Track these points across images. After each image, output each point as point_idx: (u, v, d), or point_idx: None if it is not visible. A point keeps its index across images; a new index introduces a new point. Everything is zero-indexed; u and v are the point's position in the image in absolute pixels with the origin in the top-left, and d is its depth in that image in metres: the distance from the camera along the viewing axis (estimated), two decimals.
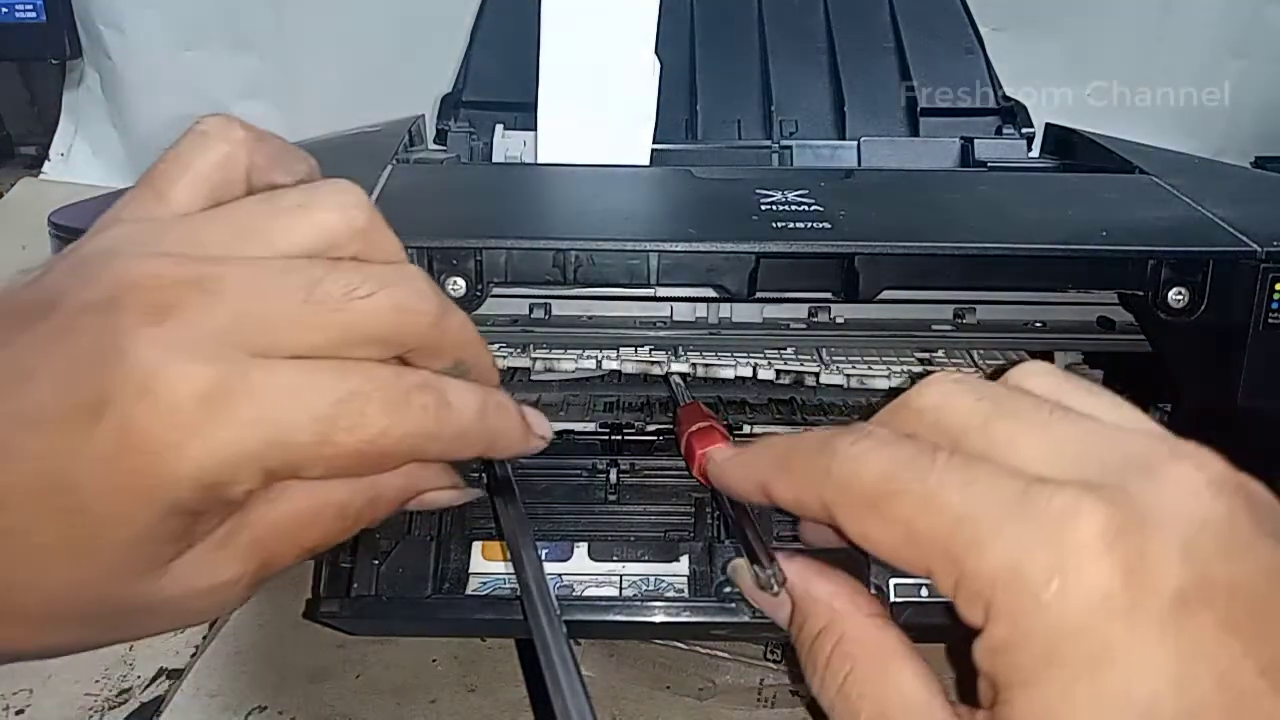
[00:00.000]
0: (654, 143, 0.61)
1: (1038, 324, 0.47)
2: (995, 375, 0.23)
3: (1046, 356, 0.50)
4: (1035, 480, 0.18)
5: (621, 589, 0.39)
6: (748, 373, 0.46)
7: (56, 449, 0.19)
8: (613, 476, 0.41)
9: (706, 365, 0.46)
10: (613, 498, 0.41)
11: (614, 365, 0.46)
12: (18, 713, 0.44)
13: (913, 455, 0.19)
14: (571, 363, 0.47)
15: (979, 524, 0.17)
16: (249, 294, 0.21)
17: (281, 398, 0.21)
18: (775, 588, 0.23)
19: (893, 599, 0.37)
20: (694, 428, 0.37)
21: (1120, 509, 0.17)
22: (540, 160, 0.53)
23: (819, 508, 0.21)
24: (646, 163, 0.53)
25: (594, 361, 0.47)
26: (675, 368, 0.46)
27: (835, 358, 0.47)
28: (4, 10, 1.03)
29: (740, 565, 0.25)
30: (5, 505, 0.19)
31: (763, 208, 0.40)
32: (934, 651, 0.47)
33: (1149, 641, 0.16)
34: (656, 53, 0.53)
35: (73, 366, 0.19)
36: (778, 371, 0.46)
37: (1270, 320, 0.38)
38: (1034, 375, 0.22)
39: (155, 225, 0.22)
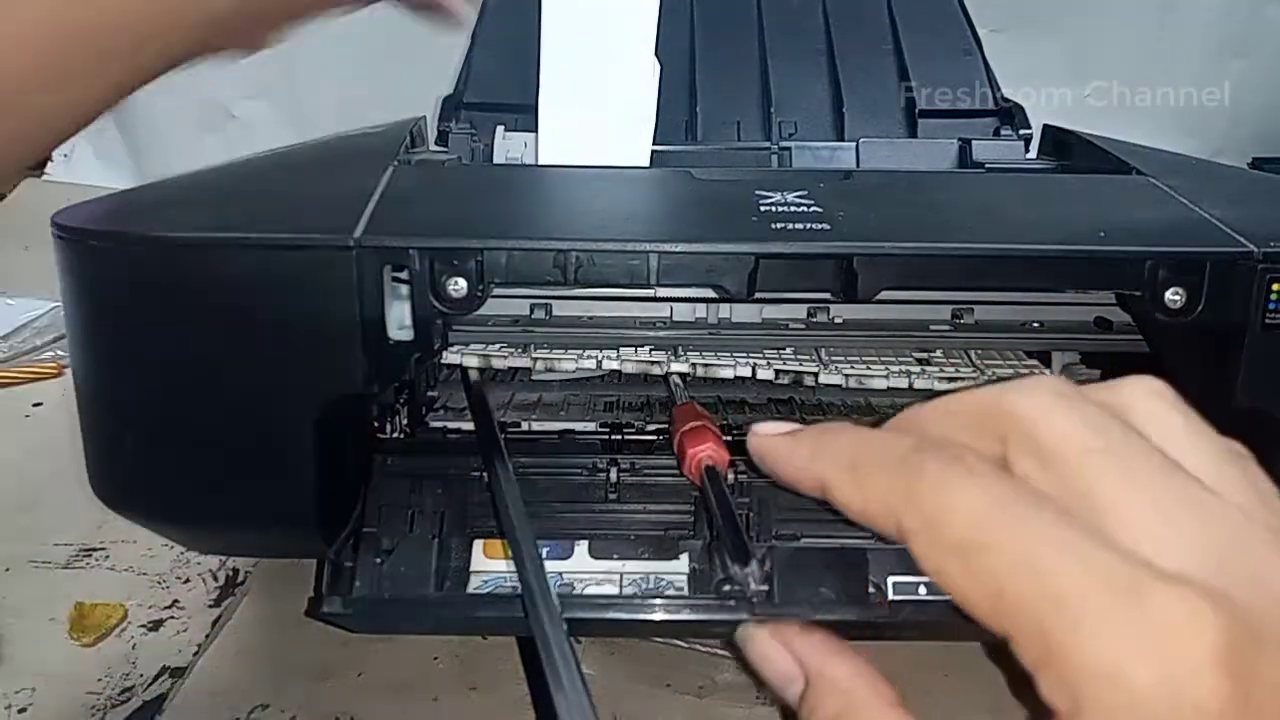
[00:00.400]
0: (655, 144, 0.61)
1: (1035, 324, 0.47)
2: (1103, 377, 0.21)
3: (1044, 357, 0.50)
4: (1147, 566, 0.16)
5: (622, 587, 0.39)
6: (747, 373, 0.46)
7: None
8: (613, 475, 0.42)
9: (706, 365, 0.46)
10: (613, 497, 0.41)
11: (614, 365, 0.46)
12: (20, 711, 0.44)
13: (1012, 501, 0.17)
14: (572, 363, 0.47)
15: (1084, 608, 0.16)
16: None
17: None
18: (752, 585, 0.23)
19: (891, 597, 0.37)
20: (686, 427, 0.37)
21: (1235, 622, 0.16)
22: (540, 162, 0.53)
23: (889, 526, 0.19)
24: (646, 164, 0.53)
25: (594, 361, 0.47)
26: (675, 368, 0.46)
27: (834, 358, 0.47)
28: None
29: (753, 634, 0.24)
30: None
31: (762, 209, 0.40)
32: (930, 652, 0.47)
33: None
34: (656, 54, 0.53)
35: None
36: (777, 371, 0.46)
37: (1268, 321, 0.38)
38: (1145, 398, 0.19)
39: None
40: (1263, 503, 0.18)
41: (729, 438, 0.43)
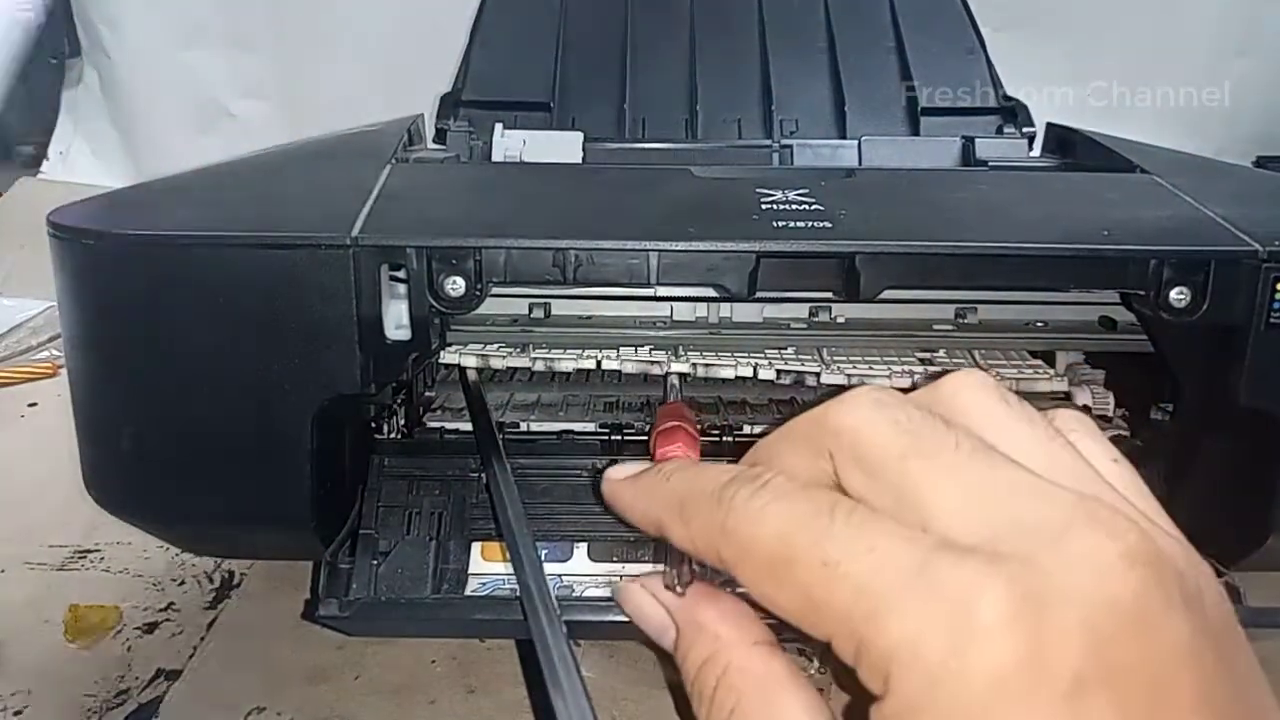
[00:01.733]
0: (655, 141, 0.61)
1: (1039, 323, 0.47)
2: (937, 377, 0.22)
3: (1048, 356, 0.50)
4: (939, 547, 0.17)
5: None
6: (748, 373, 0.46)
7: None
8: None
9: (706, 365, 0.46)
10: None
11: (614, 365, 0.46)
12: (16, 714, 0.43)
13: (811, 514, 0.18)
14: (571, 362, 0.47)
15: (878, 597, 0.17)
16: None
17: None
18: (679, 589, 0.23)
19: None
20: (661, 427, 0.37)
21: (1023, 586, 0.16)
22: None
23: (717, 561, 0.20)
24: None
25: (594, 361, 0.46)
26: (675, 368, 0.46)
27: (836, 357, 0.47)
28: None
29: (625, 588, 0.24)
30: None
31: (763, 207, 0.40)
32: None
33: None
34: (656, 50, 0.53)
35: None
36: (778, 371, 0.46)
37: (1272, 320, 0.38)
38: (966, 390, 0.20)
39: None
40: (1079, 473, 0.19)
41: (724, 438, 0.43)
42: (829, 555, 0.18)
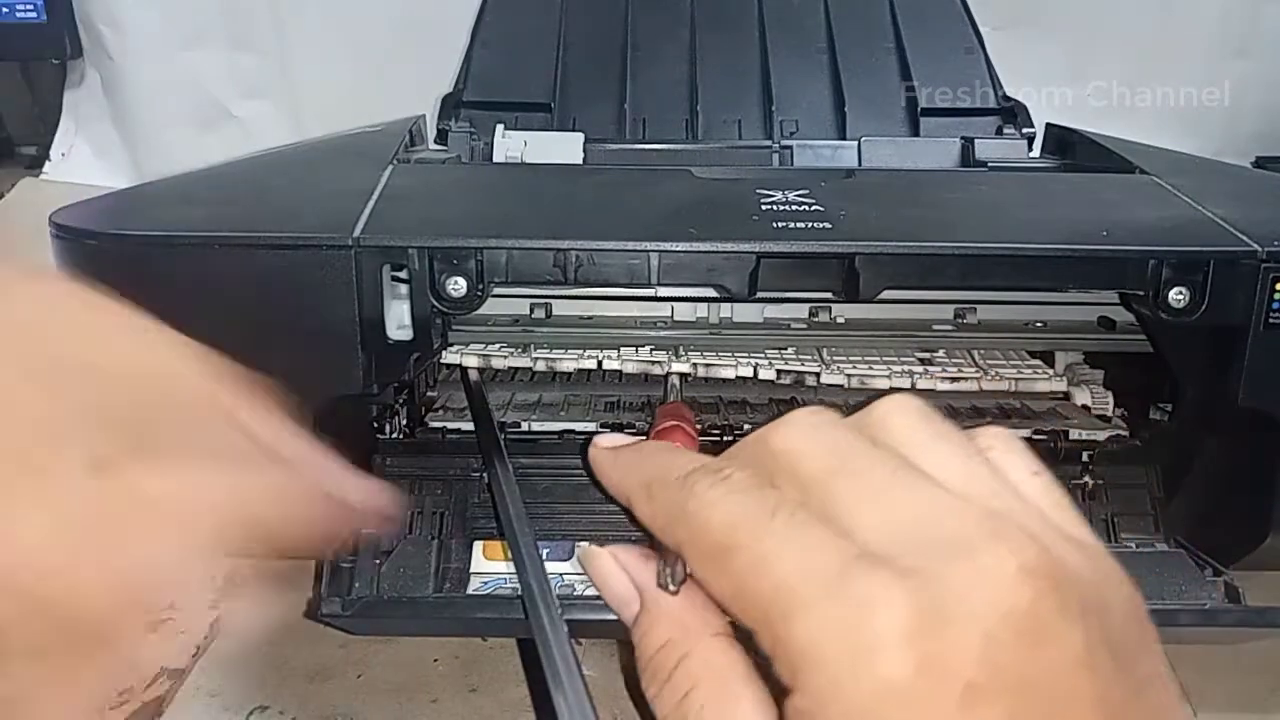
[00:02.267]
0: (655, 142, 0.61)
1: (1038, 324, 0.47)
2: (870, 401, 0.23)
3: (1047, 356, 0.50)
4: (858, 556, 0.18)
5: None
6: (748, 373, 0.46)
7: None
8: None
9: (707, 365, 0.46)
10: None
11: (615, 365, 0.46)
12: None
13: (757, 511, 0.20)
14: (572, 362, 0.47)
15: (797, 596, 0.18)
16: None
17: None
18: (672, 587, 0.23)
19: None
20: (660, 426, 0.37)
21: (925, 597, 0.17)
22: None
23: (670, 538, 0.22)
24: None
25: (595, 361, 0.47)
26: (676, 368, 0.46)
27: (836, 357, 0.47)
28: (4, 10, 1.03)
29: (592, 551, 0.25)
30: None
31: (763, 208, 0.40)
32: None
33: None
34: (656, 51, 0.53)
35: None
36: (778, 371, 0.46)
37: (1271, 320, 0.38)
38: (895, 413, 0.22)
39: None
40: (994, 489, 0.20)
41: (724, 438, 0.43)
42: (765, 550, 0.19)
